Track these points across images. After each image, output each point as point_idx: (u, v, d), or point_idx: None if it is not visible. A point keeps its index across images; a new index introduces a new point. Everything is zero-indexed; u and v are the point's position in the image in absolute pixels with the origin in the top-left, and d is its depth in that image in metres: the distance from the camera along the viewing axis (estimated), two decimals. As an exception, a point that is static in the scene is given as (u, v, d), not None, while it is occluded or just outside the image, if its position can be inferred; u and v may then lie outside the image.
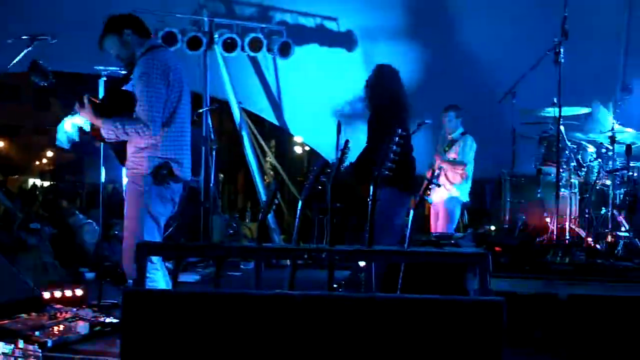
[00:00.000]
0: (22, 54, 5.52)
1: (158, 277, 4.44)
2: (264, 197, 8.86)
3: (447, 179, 7.72)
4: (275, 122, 10.44)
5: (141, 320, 3.35)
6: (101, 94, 6.44)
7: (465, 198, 7.83)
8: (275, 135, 10.58)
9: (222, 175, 8.25)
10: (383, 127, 5.72)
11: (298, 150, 11.19)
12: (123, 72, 5.81)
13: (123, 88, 4.68)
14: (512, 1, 8.54)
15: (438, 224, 7.86)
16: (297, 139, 10.63)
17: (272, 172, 9.98)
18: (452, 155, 7.83)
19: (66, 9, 8.22)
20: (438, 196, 7.79)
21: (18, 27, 6.52)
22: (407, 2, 9.20)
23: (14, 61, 5.59)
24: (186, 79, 4.72)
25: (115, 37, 4.63)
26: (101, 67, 6.51)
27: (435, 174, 4.71)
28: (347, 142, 4.47)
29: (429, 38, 9.27)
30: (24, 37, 5.52)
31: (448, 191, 7.73)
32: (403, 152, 5.34)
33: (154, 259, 4.39)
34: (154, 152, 4.51)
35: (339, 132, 6.59)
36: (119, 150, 4.69)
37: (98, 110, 4.58)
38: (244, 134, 9.74)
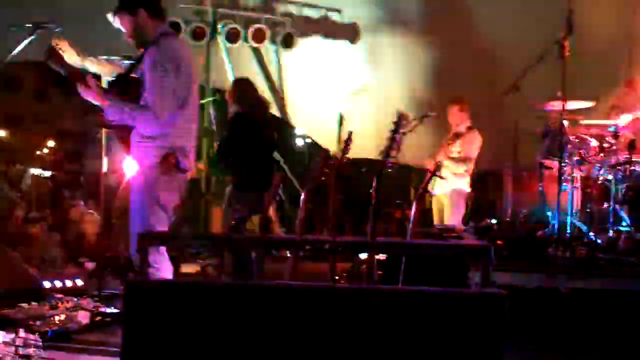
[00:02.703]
0: (25, 43, 5.50)
1: (165, 268, 4.42)
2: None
3: (451, 171, 7.70)
4: (278, 114, 10.42)
5: (143, 310, 3.35)
6: (105, 83, 6.42)
7: (468, 190, 7.83)
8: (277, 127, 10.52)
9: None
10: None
11: (299, 142, 11.21)
12: (128, 62, 5.78)
13: (132, 75, 4.62)
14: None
15: (442, 217, 7.85)
16: (299, 131, 10.58)
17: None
18: (456, 149, 7.80)
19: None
20: (441, 189, 7.78)
21: (20, 15, 6.50)
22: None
23: (16, 50, 5.57)
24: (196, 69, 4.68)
25: (129, 16, 4.52)
26: (105, 57, 6.47)
27: (438, 166, 4.71)
28: (350, 134, 4.48)
29: (433, 31, 9.25)
30: (26, 26, 5.49)
31: (451, 183, 7.72)
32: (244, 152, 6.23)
33: (161, 249, 4.37)
34: (161, 142, 4.45)
35: (341, 124, 6.60)
36: (124, 139, 4.65)
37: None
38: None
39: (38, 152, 9.91)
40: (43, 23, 5.34)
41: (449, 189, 7.74)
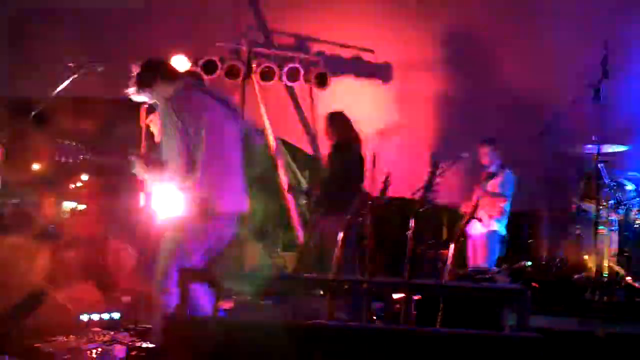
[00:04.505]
0: (68, 80, 5.63)
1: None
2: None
3: (486, 212, 7.70)
4: (310, 152, 10.48)
5: (181, 346, 3.39)
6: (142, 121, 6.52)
7: (503, 232, 7.81)
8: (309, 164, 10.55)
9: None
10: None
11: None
12: None
13: None
14: (552, 35, 8.54)
15: (476, 258, 7.82)
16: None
17: (305, 202, 9.95)
18: (490, 188, 7.80)
19: (111, 37, 8.36)
20: (477, 230, 7.76)
21: (64, 54, 6.64)
22: (443, 35, 9.23)
23: (60, 87, 5.71)
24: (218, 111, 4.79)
25: (148, 92, 4.78)
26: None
27: (475, 208, 4.73)
28: (388, 174, 4.52)
29: (466, 72, 9.28)
30: (70, 65, 5.63)
31: (487, 225, 7.70)
32: None
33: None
34: (190, 192, 4.61)
35: (374, 163, 6.65)
36: None
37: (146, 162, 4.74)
38: (280, 163, 9.75)
39: (72, 186, 10.01)
40: (87, 62, 5.49)
41: (485, 230, 7.73)
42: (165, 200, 4.77)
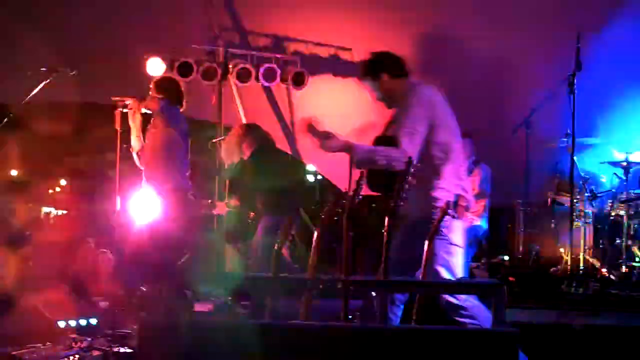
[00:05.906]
0: (41, 85, 5.60)
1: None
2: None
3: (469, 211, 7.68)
4: (288, 152, 10.48)
5: (156, 350, 3.38)
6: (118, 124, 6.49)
7: (485, 226, 7.83)
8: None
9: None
10: None
11: (310, 179, 11.28)
12: None
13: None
14: (527, 32, 8.58)
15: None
16: (310, 167, 10.61)
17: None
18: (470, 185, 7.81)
19: (83, 41, 8.32)
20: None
21: (36, 59, 6.61)
22: (420, 32, 9.25)
23: (33, 92, 5.67)
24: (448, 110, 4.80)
25: (371, 81, 4.82)
26: (118, 98, 6.53)
27: (449, 204, 4.72)
28: (362, 173, 4.51)
29: (442, 69, 9.31)
30: (42, 69, 5.60)
31: (467, 221, 7.70)
32: None
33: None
34: (431, 191, 4.59)
35: (352, 162, 6.64)
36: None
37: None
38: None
39: (50, 191, 9.96)
40: (59, 67, 5.46)
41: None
42: (144, 204, 4.74)
